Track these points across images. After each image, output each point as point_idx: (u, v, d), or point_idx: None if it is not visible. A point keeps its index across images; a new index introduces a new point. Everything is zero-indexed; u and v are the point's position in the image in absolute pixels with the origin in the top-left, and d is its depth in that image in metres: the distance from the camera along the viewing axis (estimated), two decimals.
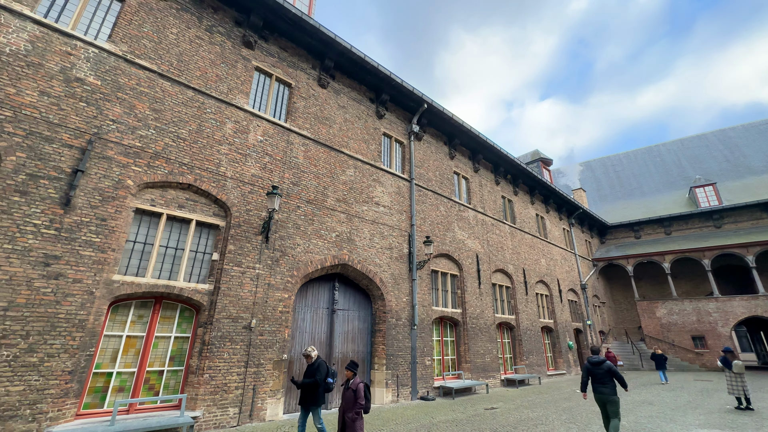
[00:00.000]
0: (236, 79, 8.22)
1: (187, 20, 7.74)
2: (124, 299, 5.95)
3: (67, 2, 6.44)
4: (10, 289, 4.83)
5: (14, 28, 5.66)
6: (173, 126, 6.93)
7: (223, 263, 6.90)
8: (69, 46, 6.10)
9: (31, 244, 5.09)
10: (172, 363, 6.23)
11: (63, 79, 5.90)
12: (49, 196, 5.36)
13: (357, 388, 4.57)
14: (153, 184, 6.48)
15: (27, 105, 5.49)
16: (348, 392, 4.66)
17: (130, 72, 6.66)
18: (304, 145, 9.05)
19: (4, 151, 5.15)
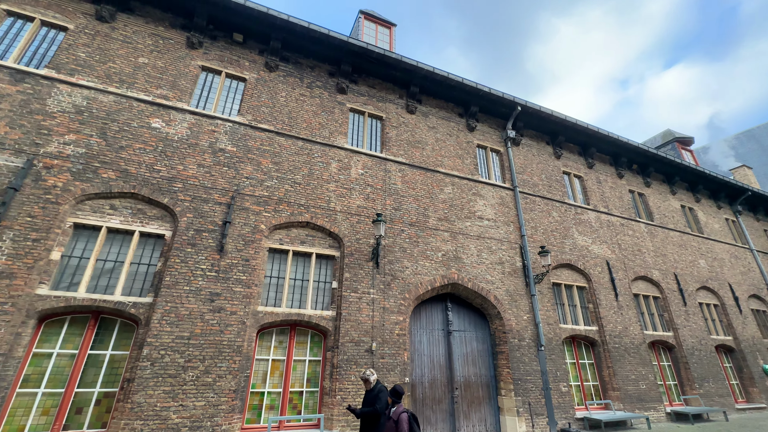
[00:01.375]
0: (335, 122, 9.15)
1: (292, 83, 9.06)
2: (267, 327, 6.91)
3: (210, 92, 8.23)
4: (190, 322, 6.10)
5: (178, 120, 7.47)
6: (290, 174, 8.02)
7: (342, 290, 7.46)
8: (213, 125, 7.73)
9: (201, 285, 6.38)
10: (309, 384, 6.88)
11: (211, 151, 7.46)
12: (209, 245, 6.70)
13: (399, 419, 4.12)
14: (279, 225, 7.53)
15: (190, 176, 7.08)
16: (389, 422, 4.24)
17: (255, 135, 8.04)
18: (400, 170, 9.41)
19: (179, 214, 6.70)
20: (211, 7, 8.25)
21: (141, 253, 6.47)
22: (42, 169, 6.14)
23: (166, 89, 7.64)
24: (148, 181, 6.74)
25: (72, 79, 6.89)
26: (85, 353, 5.70)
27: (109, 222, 6.35)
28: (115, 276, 6.17)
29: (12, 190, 5.75)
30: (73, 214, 6.19)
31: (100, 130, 6.78)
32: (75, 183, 6.25)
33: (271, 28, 8.74)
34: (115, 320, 6.06)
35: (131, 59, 7.60)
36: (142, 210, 6.64)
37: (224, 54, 8.62)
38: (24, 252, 5.59)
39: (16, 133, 6.19)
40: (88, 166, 6.44)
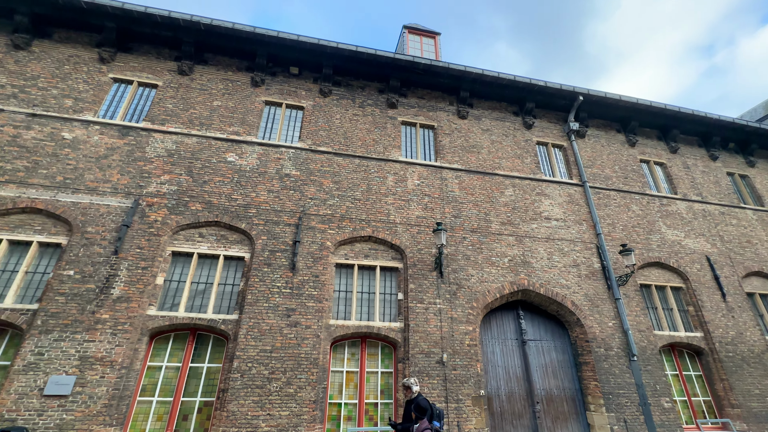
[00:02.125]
0: (388, 137, 9.38)
1: (345, 105, 9.53)
2: (340, 339, 7.18)
3: (273, 124, 8.99)
4: (271, 336, 6.59)
5: (249, 153, 8.26)
6: (350, 191, 8.37)
7: (408, 301, 7.50)
8: (278, 153, 8.40)
9: (278, 302, 6.88)
10: (383, 396, 6.97)
11: (278, 177, 8.11)
12: (282, 264, 7.22)
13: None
14: (344, 241, 7.85)
15: (262, 202, 7.75)
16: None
17: (315, 158, 8.56)
18: (457, 177, 9.29)
19: (255, 237, 7.34)
20: (269, 47, 9.08)
21: (226, 275, 7.20)
22: (145, 207, 7.20)
23: (237, 126, 8.53)
24: (227, 210, 7.52)
25: (163, 128, 8.02)
26: (186, 366, 6.45)
27: (198, 248, 7.19)
28: (207, 296, 6.93)
29: (125, 227, 6.82)
30: (170, 243, 7.13)
31: (187, 168, 7.77)
32: (171, 217, 7.21)
33: (322, 57, 9.33)
34: (208, 336, 6.79)
35: (207, 104, 8.64)
36: (225, 236, 7.42)
37: (283, 87, 9.39)
38: (136, 278, 6.56)
39: (125, 179, 7.36)
40: (180, 201, 7.39)
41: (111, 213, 6.99)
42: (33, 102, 7.74)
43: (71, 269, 6.42)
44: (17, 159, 7.14)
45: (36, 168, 7.13)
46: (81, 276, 6.40)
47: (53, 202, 6.89)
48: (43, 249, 6.72)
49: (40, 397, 5.54)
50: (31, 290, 6.38)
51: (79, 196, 7.04)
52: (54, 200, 6.91)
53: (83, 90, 8.13)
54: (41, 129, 7.50)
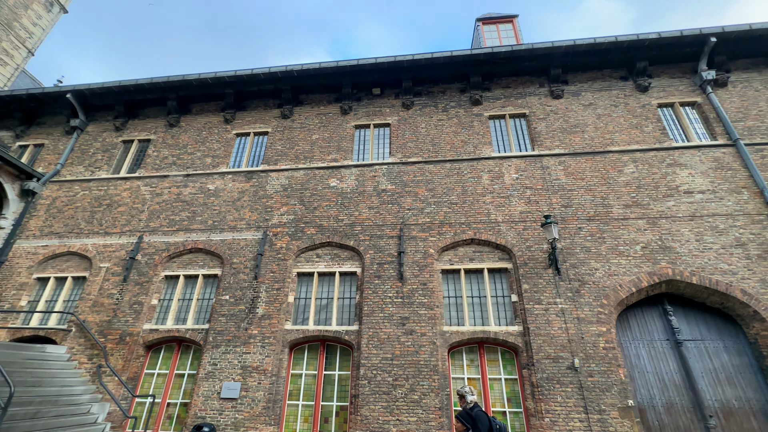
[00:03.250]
0: (477, 135, 9.12)
1: (428, 113, 9.63)
2: (456, 346, 7.13)
3: (365, 145, 9.61)
4: (389, 344, 6.93)
5: (347, 175, 8.97)
6: (445, 196, 8.36)
7: (524, 303, 7.05)
8: (372, 171, 8.93)
9: (391, 311, 7.22)
10: (511, 404, 6.62)
11: (376, 194, 8.59)
12: (391, 275, 7.57)
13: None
14: (446, 247, 7.84)
15: (365, 219, 8.30)
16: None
17: (407, 170, 8.82)
18: (560, 163, 8.46)
19: (363, 252, 7.88)
20: (352, 76, 9.82)
21: (343, 289, 7.87)
22: (272, 236, 8.41)
23: (334, 153, 9.38)
24: (336, 230, 8.27)
25: (277, 167, 9.32)
26: (321, 373, 7.21)
27: (317, 268, 8.05)
28: (330, 310, 7.68)
29: (260, 256, 8.08)
30: (295, 265, 8.15)
31: (299, 198, 8.83)
32: (292, 242, 8.27)
33: (400, 72, 9.66)
34: (336, 346, 7.48)
35: (308, 138, 9.73)
36: (337, 254, 8.15)
37: (369, 109, 10.00)
38: (273, 298, 7.68)
39: (254, 215, 8.75)
40: (297, 228, 8.43)
41: (248, 245, 8.37)
42: (186, 165, 9.85)
43: (226, 294, 7.87)
44: (181, 211, 9.14)
45: (194, 216, 9.02)
46: (234, 299, 7.79)
47: (208, 242, 8.59)
48: (206, 280, 8.40)
49: (219, 399, 6.87)
50: (202, 313, 8.02)
51: (225, 234, 8.62)
52: (208, 240, 8.61)
53: (216, 148, 10.02)
54: (193, 185, 9.48)
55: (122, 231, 9.14)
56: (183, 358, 7.74)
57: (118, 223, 9.28)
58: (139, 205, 9.45)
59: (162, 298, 8.35)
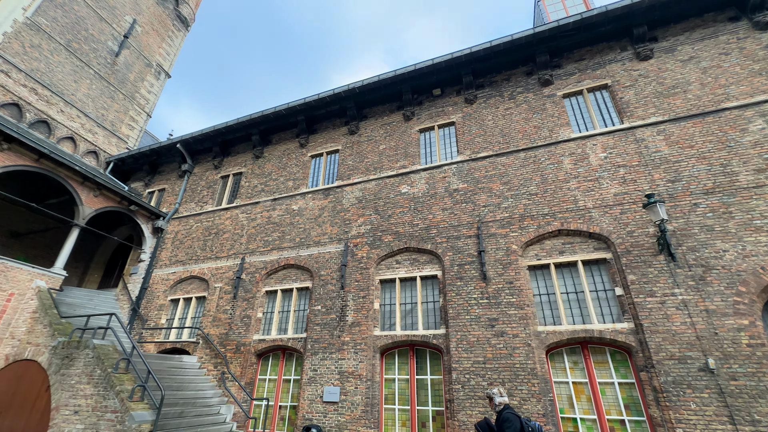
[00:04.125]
0: (551, 118, 8.42)
1: (493, 104, 9.22)
2: (554, 347, 6.57)
3: (431, 147, 9.57)
4: (479, 347, 6.69)
5: (417, 180, 9.01)
6: (522, 188, 7.86)
7: (632, 296, 6.21)
8: (442, 172, 8.83)
9: (478, 313, 6.98)
10: (630, 412, 5.84)
11: (448, 194, 8.47)
12: (473, 276, 7.35)
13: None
14: (530, 241, 7.34)
15: (439, 221, 8.22)
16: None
17: (478, 166, 8.53)
18: (659, 132, 7.33)
19: (442, 254, 7.80)
20: (410, 81, 9.90)
21: (425, 293, 7.88)
22: (353, 247, 8.83)
23: (402, 160, 9.53)
24: (412, 235, 8.34)
25: (350, 181, 9.81)
26: (413, 378, 7.27)
27: (398, 274, 8.20)
28: (414, 314, 7.74)
29: (344, 266, 8.55)
30: (377, 273, 8.42)
31: (374, 208, 9.14)
32: (372, 251, 8.57)
33: (458, 68, 9.45)
34: (424, 350, 7.49)
35: (375, 150, 10.06)
36: (416, 259, 8.20)
37: (431, 111, 9.96)
38: (360, 306, 8.03)
39: (335, 229, 9.30)
40: (375, 237, 8.72)
41: (332, 257, 8.92)
42: (272, 191, 10.95)
43: (318, 305, 8.47)
44: (273, 232, 10.16)
45: (283, 236, 9.94)
46: (325, 309, 8.34)
47: (297, 258, 9.38)
48: (299, 292, 9.16)
49: (322, 403, 7.38)
50: (299, 323, 8.75)
51: (311, 249, 9.33)
52: (298, 256, 9.40)
53: (296, 171, 10.95)
54: (280, 207, 10.48)
55: (228, 254, 10.50)
56: (288, 364, 8.52)
57: (224, 247, 10.70)
58: (239, 230, 10.77)
59: (265, 311, 9.34)
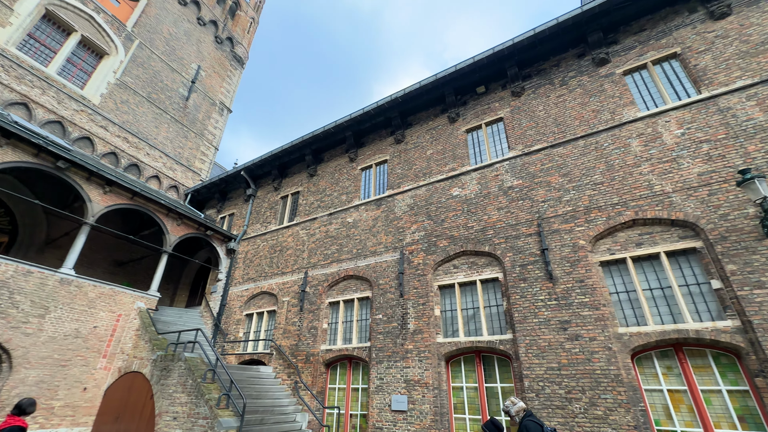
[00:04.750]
0: (611, 98, 7.73)
1: (543, 92, 8.72)
2: (641, 351, 5.88)
3: (480, 146, 9.31)
4: (552, 352, 6.23)
5: (468, 181, 8.79)
6: (585, 178, 7.27)
7: (734, 289, 5.35)
8: (494, 170, 8.52)
9: (547, 315, 6.53)
10: (745, 425, 4.99)
11: (502, 193, 8.13)
12: (538, 276, 6.91)
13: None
14: (599, 235, 6.73)
15: (495, 221, 7.91)
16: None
17: (532, 160, 8.09)
18: (749, 98, 6.33)
19: (501, 256, 7.47)
20: (452, 83, 9.78)
21: (487, 297, 7.58)
22: (408, 255, 8.84)
23: (451, 163, 9.39)
24: (468, 238, 8.12)
25: (401, 189, 9.89)
26: (482, 386, 6.98)
27: (456, 279, 8.01)
28: (478, 320, 7.47)
29: (401, 274, 8.58)
30: (435, 279, 8.32)
31: (426, 214, 9.09)
32: (428, 257, 8.50)
33: (502, 62, 9.12)
34: (491, 357, 7.17)
35: (423, 156, 10.04)
36: (474, 262, 7.96)
37: (476, 110, 9.71)
38: (420, 313, 7.97)
39: (389, 238, 9.41)
40: (430, 243, 8.65)
41: (389, 266, 9.01)
42: (327, 206, 11.44)
43: (379, 314, 8.58)
44: (331, 245, 10.57)
45: (341, 248, 10.30)
46: (386, 318, 8.42)
47: (356, 268, 9.63)
48: (360, 302, 9.36)
49: (390, 411, 7.40)
50: (363, 332, 8.92)
51: (368, 259, 9.52)
52: (356, 267, 9.66)
53: (348, 185, 11.33)
54: (336, 221, 10.89)
55: (292, 269, 11.14)
56: (355, 373, 8.70)
57: (288, 263, 11.37)
58: (300, 246, 11.39)
59: (330, 321, 9.69)
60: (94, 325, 9.42)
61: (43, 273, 8.77)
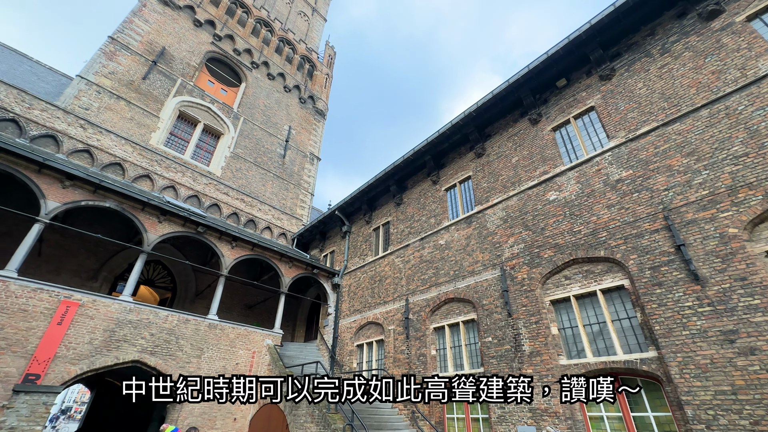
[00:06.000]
0: (735, 53, 6.37)
1: (641, 67, 7.65)
2: None
3: (571, 141, 8.49)
4: (719, 372, 5.01)
5: (565, 182, 8.01)
6: (719, 152, 5.99)
7: None
8: (594, 165, 7.63)
9: (701, 326, 5.34)
10: None
11: (609, 188, 7.18)
12: (678, 278, 5.77)
13: None
14: (758, 218, 5.37)
15: (607, 221, 6.96)
16: None
17: (641, 145, 7.02)
18: None
19: (623, 259, 6.48)
20: (528, 83, 9.27)
21: (614, 309, 6.58)
22: (509, 270, 8.30)
23: (541, 166, 8.73)
24: (576, 244, 7.29)
25: (490, 203, 9.50)
26: (628, 416, 5.92)
27: (571, 291, 7.17)
28: (606, 336, 6.49)
29: (505, 292, 8.06)
30: (545, 294, 7.59)
31: (523, 224, 8.50)
32: (532, 271, 7.85)
33: (581, 47, 8.36)
34: (632, 379, 6.09)
35: (508, 164, 9.56)
36: (589, 270, 7.06)
37: (560, 105, 8.96)
38: (535, 333, 7.29)
39: (486, 255, 9.01)
40: (532, 255, 8.01)
41: (491, 285, 8.57)
42: (418, 231, 11.58)
43: (488, 336, 8.11)
44: (427, 270, 10.56)
45: (437, 271, 10.20)
46: (497, 340, 7.91)
47: (456, 291, 9.39)
48: (466, 325, 9.01)
49: None
50: (474, 358, 8.51)
51: (467, 280, 9.22)
52: (455, 289, 9.42)
53: (434, 208, 11.35)
54: (428, 245, 10.90)
55: (393, 298, 11.39)
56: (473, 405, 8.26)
57: (388, 292, 11.67)
58: (397, 274, 11.65)
59: (438, 347, 9.51)
60: (236, 362, 10.93)
61: (197, 320, 10.65)
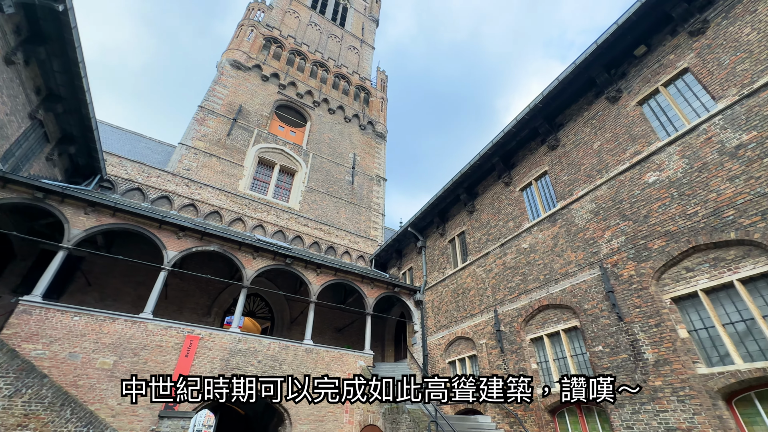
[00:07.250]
0: None
1: (743, 11, 6.45)
2: None
3: (664, 111, 7.39)
4: None
5: (665, 160, 6.95)
6: None
7: None
8: (701, 133, 6.51)
9: None
10: None
11: (728, 156, 6.04)
12: None
13: None
14: None
15: (730, 196, 5.83)
16: None
17: (760, 99, 5.80)
18: None
19: (763, 238, 5.29)
20: (600, 59, 8.41)
21: (763, 302, 5.34)
22: (611, 268, 7.35)
23: (630, 147, 7.73)
24: (694, 229, 6.18)
25: (574, 197, 8.66)
26: None
27: (697, 284, 6.05)
28: (759, 336, 5.28)
29: (610, 293, 7.12)
30: (662, 291, 6.52)
31: (619, 215, 7.53)
32: (640, 266, 6.84)
33: (659, 5, 7.37)
34: None
35: (590, 151, 8.66)
36: (717, 257, 5.89)
37: (643, 75, 7.93)
38: (657, 338, 6.25)
39: (580, 254, 8.13)
40: (636, 247, 7.00)
41: (591, 286, 7.66)
42: (496, 237, 11.00)
43: (598, 345, 7.19)
44: (513, 277, 9.89)
45: (525, 277, 9.49)
46: (609, 349, 6.96)
47: (549, 296, 8.58)
48: (567, 334, 8.13)
49: None
50: (583, 370, 7.58)
51: (560, 283, 8.39)
52: (549, 294, 8.62)
53: (511, 210, 10.71)
54: (510, 251, 10.25)
55: (480, 310, 10.84)
56: (590, 421, 7.30)
57: (474, 304, 11.16)
58: (481, 284, 11.12)
59: (538, 360, 8.70)
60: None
61: (294, 346, 11.39)
